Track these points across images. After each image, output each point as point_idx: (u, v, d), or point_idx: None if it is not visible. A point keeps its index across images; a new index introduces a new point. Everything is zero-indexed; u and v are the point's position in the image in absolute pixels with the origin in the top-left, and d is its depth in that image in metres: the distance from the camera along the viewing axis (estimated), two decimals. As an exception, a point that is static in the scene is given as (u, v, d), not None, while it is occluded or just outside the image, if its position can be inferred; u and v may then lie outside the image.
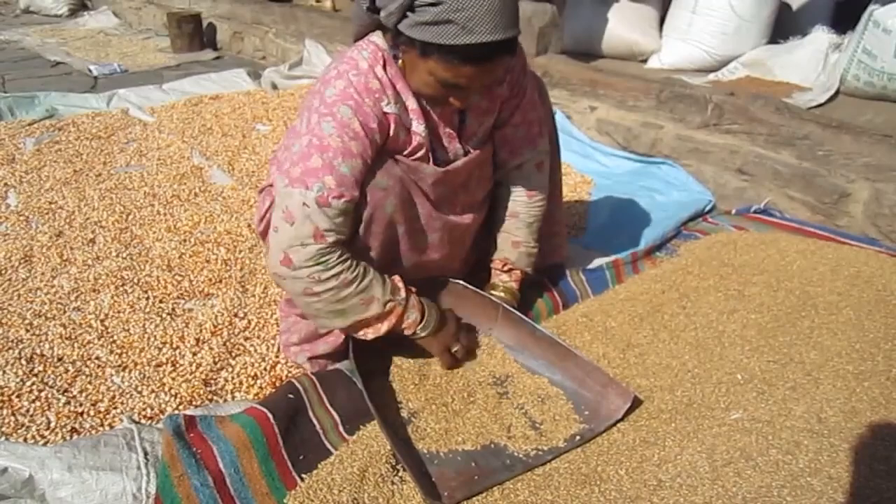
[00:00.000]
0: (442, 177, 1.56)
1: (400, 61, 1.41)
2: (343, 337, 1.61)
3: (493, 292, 1.78)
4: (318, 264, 1.39)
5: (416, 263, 1.65)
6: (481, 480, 1.35)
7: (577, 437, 1.46)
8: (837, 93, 2.89)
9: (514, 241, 1.79)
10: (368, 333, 1.51)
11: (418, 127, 1.49)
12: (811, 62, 3.05)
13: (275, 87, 4.37)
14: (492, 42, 1.25)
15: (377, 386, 1.57)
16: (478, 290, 1.74)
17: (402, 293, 1.51)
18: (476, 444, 1.44)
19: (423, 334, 1.55)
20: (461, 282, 1.75)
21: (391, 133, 1.46)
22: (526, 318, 1.68)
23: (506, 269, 1.81)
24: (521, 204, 1.77)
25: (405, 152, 1.50)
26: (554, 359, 1.63)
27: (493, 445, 1.44)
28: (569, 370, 1.60)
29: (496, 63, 1.34)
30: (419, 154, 1.52)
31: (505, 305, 1.70)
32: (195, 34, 5.54)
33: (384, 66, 1.43)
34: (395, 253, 1.59)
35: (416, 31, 1.28)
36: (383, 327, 1.50)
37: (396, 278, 1.52)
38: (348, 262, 1.42)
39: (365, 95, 1.39)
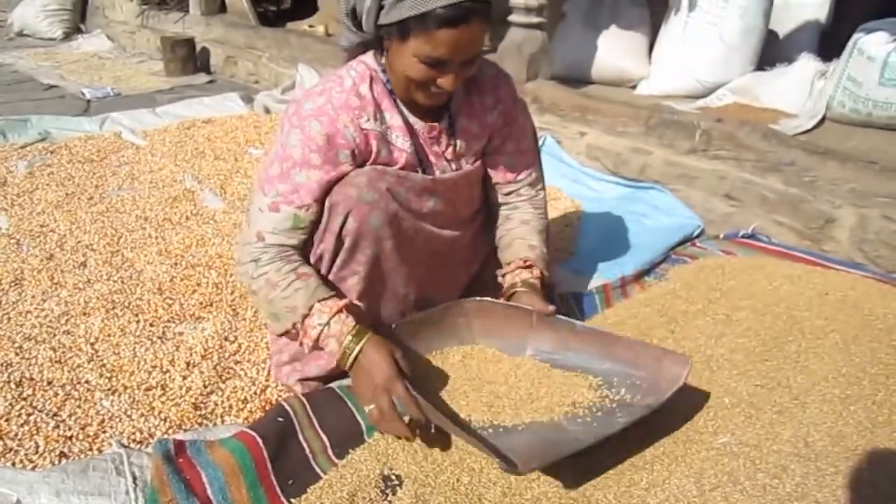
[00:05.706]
0: (430, 185, 1.58)
1: (383, 56, 1.46)
2: (335, 361, 1.56)
3: (516, 290, 1.69)
4: (252, 261, 1.45)
5: (407, 277, 1.65)
6: (552, 450, 1.34)
7: (640, 412, 1.44)
8: (823, 119, 2.93)
9: (531, 245, 1.75)
10: (305, 346, 1.48)
11: (403, 143, 1.53)
12: (798, 89, 3.10)
13: (267, 110, 4.39)
14: (464, 1, 1.29)
15: (424, 391, 1.47)
16: (507, 303, 1.68)
17: (325, 318, 1.43)
18: (540, 424, 1.45)
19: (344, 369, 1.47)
20: (487, 298, 1.69)
21: (373, 150, 1.49)
22: (562, 317, 1.63)
23: (527, 264, 1.73)
24: (529, 213, 1.80)
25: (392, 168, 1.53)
26: (600, 348, 1.60)
27: (555, 424, 1.45)
28: (617, 354, 1.58)
29: (472, 25, 1.34)
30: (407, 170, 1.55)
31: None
32: (188, 58, 5.57)
33: (370, 85, 1.48)
34: (384, 268, 1.59)
35: (393, 13, 1.33)
36: (306, 342, 1.46)
37: (342, 303, 1.46)
38: (279, 265, 1.44)
39: (342, 112, 1.44)
